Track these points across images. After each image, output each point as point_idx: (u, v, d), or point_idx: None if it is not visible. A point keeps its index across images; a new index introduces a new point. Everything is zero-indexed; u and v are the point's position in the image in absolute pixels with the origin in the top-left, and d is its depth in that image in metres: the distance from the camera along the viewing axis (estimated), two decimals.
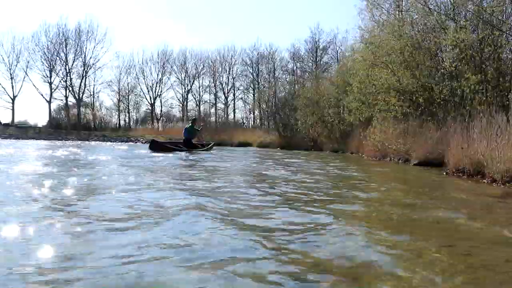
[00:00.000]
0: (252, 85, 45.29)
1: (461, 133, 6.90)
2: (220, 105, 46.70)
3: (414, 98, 10.33)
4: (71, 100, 42.16)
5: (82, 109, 43.16)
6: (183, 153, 12.24)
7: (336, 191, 4.48)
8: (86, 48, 41.33)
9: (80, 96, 42.12)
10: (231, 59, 45.73)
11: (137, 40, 69.11)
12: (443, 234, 2.45)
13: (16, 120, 40.52)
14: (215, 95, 46.15)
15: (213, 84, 46.09)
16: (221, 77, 46.07)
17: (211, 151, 14.90)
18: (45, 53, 40.17)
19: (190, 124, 14.83)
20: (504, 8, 8.74)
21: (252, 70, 45.25)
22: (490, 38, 8.58)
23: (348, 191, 4.48)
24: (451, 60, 8.84)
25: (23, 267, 1.67)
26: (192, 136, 14.59)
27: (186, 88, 46.34)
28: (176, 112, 48.08)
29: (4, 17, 53.20)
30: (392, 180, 6.13)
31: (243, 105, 46.17)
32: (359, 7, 17.28)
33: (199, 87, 46.60)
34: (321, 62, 40.19)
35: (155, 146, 13.50)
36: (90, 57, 41.62)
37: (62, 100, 42.09)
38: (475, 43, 8.58)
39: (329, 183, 5.26)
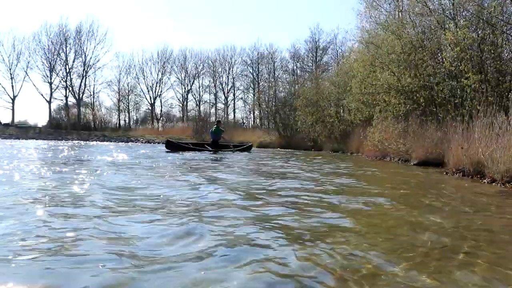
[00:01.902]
0: (252, 85, 45.35)
1: (461, 133, 6.90)
2: (220, 105, 46.82)
3: (414, 97, 10.34)
4: (71, 100, 42.25)
5: (82, 109, 43.21)
6: (207, 153, 12.75)
7: (331, 193, 4.47)
8: (86, 48, 41.48)
9: (80, 96, 42.20)
10: (231, 59, 45.87)
11: (137, 40, 69.30)
12: (442, 234, 2.44)
13: (16, 120, 40.60)
14: (215, 95, 46.26)
15: (213, 84, 46.21)
16: (221, 77, 46.18)
17: (250, 151, 15.22)
18: (45, 53, 40.30)
19: (216, 126, 15.56)
20: (504, 8, 8.74)
21: (252, 70, 45.36)
22: (490, 38, 8.57)
23: (344, 191, 4.47)
24: (451, 60, 8.84)
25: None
26: (219, 137, 15.31)
27: (186, 88, 46.47)
28: (176, 112, 48.20)
29: (5, 17, 53.30)
30: (391, 180, 6.12)
31: (243, 105, 46.31)
32: (358, 9, 17.36)
33: (199, 87, 46.74)
34: (321, 62, 40.25)
35: (171, 146, 13.99)
36: (90, 57, 41.75)
37: (62, 100, 42.24)
38: (475, 42, 8.57)
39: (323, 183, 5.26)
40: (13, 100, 40.01)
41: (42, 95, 41.08)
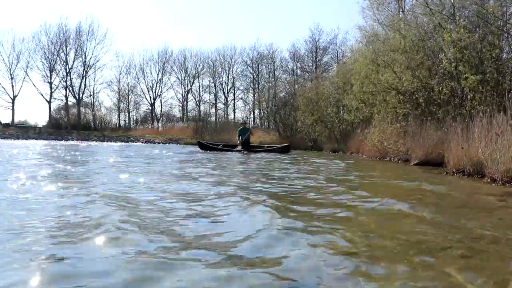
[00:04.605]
0: (252, 85, 45.31)
1: (461, 133, 6.90)
2: (220, 105, 46.77)
3: (414, 98, 10.33)
4: (71, 100, 42.21)
5: (82, 109, 43.17)
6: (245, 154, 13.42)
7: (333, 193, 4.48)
8: (86, 48, 41.44)
9: (80, 96, 42.17)
10: (231, 59, 45.81)
11: (138, 40, 69.28)
12: (444, 233, 2.45)
13: (16, 120, 40.59)
14: (215, 95, 46.20)
15: (213, 84, 46.16)
16: (221, 77, 46.13)
17: (289, 153, 14.90)
18: (45, 53, 40.27)
19: (243, 127, 16.23)
20: (505, 9, 8.73)
21: (252, 70, 45.28)
22: (490, 38, 8.56)
23: (345, 190, 4.48)
24: (450, 60, 8.82)
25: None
26: (249, 138, 15.78)
27: (186, 88, 46.44)
28: (176, 112, 48.16)
29: (5, 17, 53.25)
30: (392, 180, 6.13)
31: (243, 105, 46.27)
32: (361, 5, 17.34)
33: (199, 87, 46.69)
34: (321, 62, 40.21)
35: (203, 147, 15.70)
36: (90, 57, 41.72)
37: (62, 100, 42.21)
38: (475, 43, 8.56)
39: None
40: (13, 100, 40.01)
41: (42, 95, 41.12)
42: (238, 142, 16.00)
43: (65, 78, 41.16)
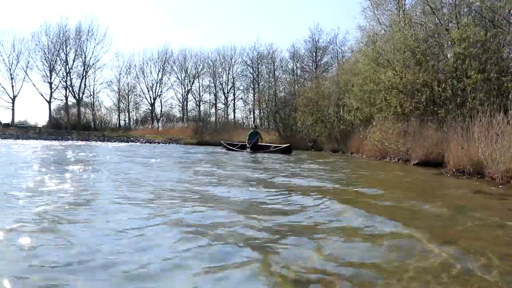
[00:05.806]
0: (252, 85, 45.27)
1: (461, 133, 6.89)
2: (220, 105, 46.75)
3: (415, 97, 10.30)
4: (71, 100, 42.20)
5: (82, 109, 43.15)
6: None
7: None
8: (86, 48, 41.39)
9: (80, 96, 42.14)
10: (231, 59, 45.78)
11: (138, 40, 69.14)
12: (444, 233, 2.44)
13: (16, 120, 40.56)
14: (215, 95, 46.17)
15: (213, 84, 46.15)
16: (221, 77, 46.10)
17: (290, 154, 14.60)
18: (45, 53, 40.21)
19: (253, 131, 17.61)
20: (508, 9, 8.72)
21: (252, 70, 45.23)
22: (495, 38, 8.54)
23: (346, 190, 4.47)
24: (453, 59, 8.79)
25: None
26: (257, 142, 16.99)
27: (186, 88, 46.41)
28: (176, 112, 48.14)
29: (5, 17, 53.26)
30: (392, 179, 6.12)
31: (243, 105, 46.23)
32: (363, 5, 17.38)
33: (199, 87, 46.68)
34: (321, 63, 40.17)
35: (224, 147, 17.86)
36: (90, 57, 41.67)
37: (62, 100, 42.16)
38: (479, 43, 8.52)
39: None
40: (13, 100, 39.98)
41: (42, 95, 41.04)
42: (247, 144, 17.07)
43: (65, 78, 41.11)
